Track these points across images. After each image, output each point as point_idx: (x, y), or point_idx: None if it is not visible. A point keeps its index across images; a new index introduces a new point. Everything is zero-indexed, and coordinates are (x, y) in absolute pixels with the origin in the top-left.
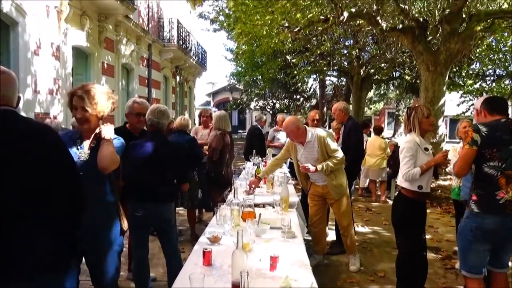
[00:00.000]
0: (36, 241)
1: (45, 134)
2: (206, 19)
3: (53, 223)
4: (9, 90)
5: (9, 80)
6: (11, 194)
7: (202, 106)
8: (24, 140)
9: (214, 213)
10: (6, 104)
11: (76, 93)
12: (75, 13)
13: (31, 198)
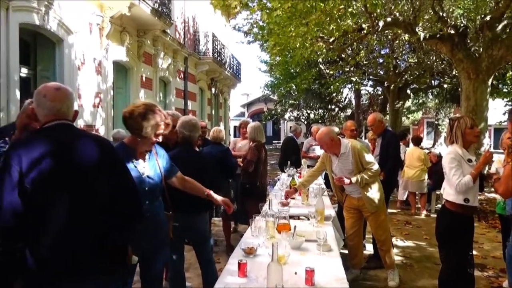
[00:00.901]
0: (106, 243)
1: (109, 145)
2: (240, 31)
3: (117, 229)
4: (64, 105)
5: (65, 95)
6: (100, 200)
7: (237, 117)
8: (91, 151)
9: (249, 224)
10: (64, 118)
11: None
12: (116, 29)
13: (106, 205)
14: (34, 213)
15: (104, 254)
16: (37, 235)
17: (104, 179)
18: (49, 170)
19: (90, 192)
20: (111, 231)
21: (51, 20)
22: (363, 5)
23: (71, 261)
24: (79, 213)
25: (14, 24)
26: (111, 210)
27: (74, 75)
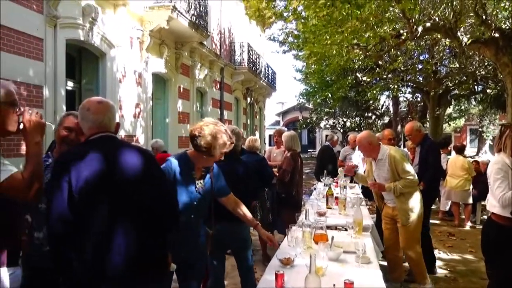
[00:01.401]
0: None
1: (151, 156)
2: (275, 41)
3: (156, 238)
4: (106, 117)
5: (106, 108)
6: (141, 209)
7: (272, 126)
8: (134, 162)
9: (286, 234)
10: (106, 129)
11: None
12: (155, 42)
13: (147, 214)
14: (81, 221)
15: (148, 262)
16: (83, 242)
17: (146, 189)
18: (95, 180)
19: (133, 201)
20: (151, 239)
21: (95, 36)
22: (401, 11)
23: (117, 269)
24: (123, 221)
25: (61, 40)
26: (151, 219)
27: (115, 87)
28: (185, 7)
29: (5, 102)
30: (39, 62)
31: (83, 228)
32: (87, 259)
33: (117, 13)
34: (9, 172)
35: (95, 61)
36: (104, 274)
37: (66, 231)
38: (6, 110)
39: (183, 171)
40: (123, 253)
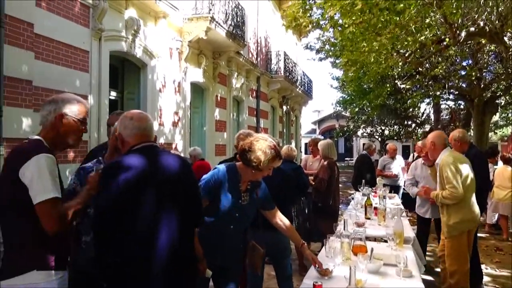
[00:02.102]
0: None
1: (188, 164)
2: (312, 50)
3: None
4: (148, 125)
5: (147, 117)
6: (180, 211)
7: (308, 134)
8: (173, 168)
9: (323, 244)
10: (148, 139)
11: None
12: (193, 52)
13: (182, 215)
14: (126, 221)
15: (184, 259)
16: (128, 241)
17: (183, 192)
18: (140, 182)
19: (173, 200)
20: (186, 236)
21: (137, 47)
22: (442, 16)
23: (161, 265)
24: (165, 219)
25: (106, 52)
26: (186, 217)
27: (156, 96)
28: (223, 17)
29: (74, 117)
30: (85, 73)
31: (128, 227)
32: (133, 256)
33: (158, 25)
34: (47, 196)
35: (136, 72)
36: (149, 271)
37: (110, 231)
38: (74, 124)
39: (230, 182)
40: (166, 249)
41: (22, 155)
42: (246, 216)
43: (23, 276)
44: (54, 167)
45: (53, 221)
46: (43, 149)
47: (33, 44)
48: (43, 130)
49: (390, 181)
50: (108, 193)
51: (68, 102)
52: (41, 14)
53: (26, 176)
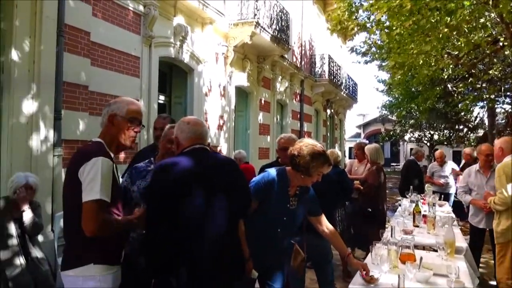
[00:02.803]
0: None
1: (236, 166)
2: (358, 53)
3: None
4: (204, 129)
5: (202, 122)
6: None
7: (352, 138)
8: (227, 169)
9: (368, 251)
10: (201, 141)
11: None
12: (238, 57)
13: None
14: (177, 216)
15: (232, 251)
16: (179, 234)
17: (231, 189)
18: (188, 181)
19: (221, 201)
20: (233, 234)
21: (185, 52)
22: (498, 15)
23: (210, 256)
24: (214, 213)
25: (155, 58)
26: (233, 217)
27: (202, 100)
28: (268, 22)
29: (123, 117)
30: (136, 78)
31: (176, 221)
32: (181, 249)
33: (204, 31)
34: (93, 197)
35: (184, 76)
36: (197, 264)
37: (160, 224)
38: (123, 124)
39: (279, 186)
40: (214, 243)
41: (84, 155)
42: (293, 220)
43: (81, 269)
44: (109, 170)
45: (92, 222)
46: (102, 152)
47: (90, 52)
48: (102, 132)
49: (440, 188)
50: (158, 189)
51: (119, 103)
52: (97, 23)
53: (83, 176)
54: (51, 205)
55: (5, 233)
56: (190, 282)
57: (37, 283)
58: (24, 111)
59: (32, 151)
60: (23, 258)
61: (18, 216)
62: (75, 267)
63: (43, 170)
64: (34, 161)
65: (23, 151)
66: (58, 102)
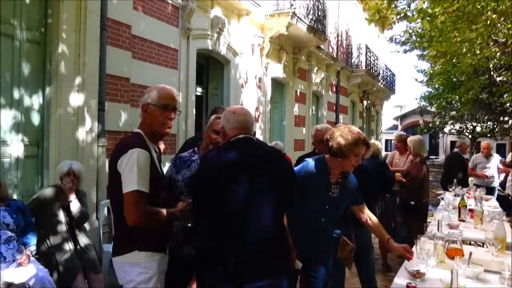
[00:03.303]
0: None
1: (282, 155)
2: (397, 43)
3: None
4: (250, 119)
5: (249, 112)
6: (279, 201)
7: (388, 130)
8: (273, 158)
9: (408, 244)
10: (247, 131)
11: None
12: (274, 48)
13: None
14: (224, 204)
15: (278, 243)
16: (224, 223)
17: (276, 179)
18: (234, 173)
19: (267, 190)
20: (278, 220)
21: (221, 44)
22: None
23: (254, 247)
24: (259, 202)
25: (193, 50)
26: (279, 206)
27: (238, 92)
28: (304, 12)
29: (155, 105)
30: (174, 70)
31: (222, 211)
32: (227, 238)
33: (241, 22)
34: (131, 188)
35: (220, 68)
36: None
37: (205, 213)
38: (155, 111)
39: (319, 174)
40: (259, 233)
41: (122, 147)
42: (336, 209)
43: (127, 255)
44: (146, 162)
45: (132, 212)
46: (140, 144)
47: (131, 45)
48: (140, 123)
49: (483, 182)
50: (204, 179)
51: (150, 91)
52: (138, 17)
53: (121, 167)
54: (96, 193)
55: (55, 220)
56: (236, 271)
57: (85, 268)
58: (71, 103)
59: (78, 141)
60: (71, 243)
61: (65, 204)
62: (122, 253)
63: (88, 160)
64: (80, 151)
65: (70, 142)
66: (102, 94)
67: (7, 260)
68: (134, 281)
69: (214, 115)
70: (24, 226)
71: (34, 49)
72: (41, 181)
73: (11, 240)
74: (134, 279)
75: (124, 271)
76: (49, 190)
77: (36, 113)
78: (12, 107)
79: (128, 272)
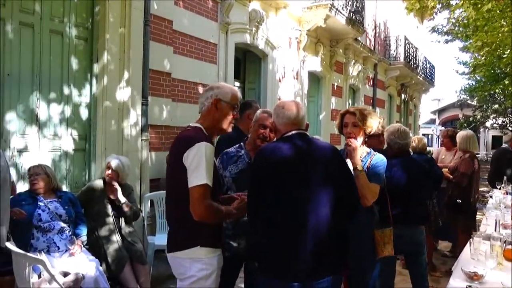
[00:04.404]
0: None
1: (336, 150)
2: (438, 33)
3: (341, 225)
4: (300, 113)
5: (299, 106)
6: (339, 197)
7: (426, 124)
8: (329, 154)
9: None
10: (299, 127)
11: (348, 110)
12: (311, 41)
13: (334, 202)
14: (275, 204)
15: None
16: (276, 219)
17: (333, 177)
18: (288, 168)
19: (323, 188)
20: (334, 222)
21: (259, 38)
22: None
23: (307, 246)
24: (315, 202)
25: (231, 44)
26: (336, 208)
27: (275, 86)
28: (342, 4)
29: (228, 103)
30: (213, 65)
31: (277, 208)
32: (283, 236)
33: (278, 16)
34: (199, 182)
35: (257, 62)
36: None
37: (262, 211)
38: (227, 109)
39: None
40: (315, 230)
41: (187, 141)
42: None
43: (188, 251)
44: (212, 156)
45: (199, 206)
46: (204, 137)
47: (172, 40)
48: (201, 117)
49: None
50: (258, 175)
51: (223, 88)
52: (179, 12)
53: (187, 161)
54: (139, 186)
55: (103, 212)
56: (291, 270)
57: (132, 259)
58: (116, 98)
59: (123, 135)
60: (119, 235)
61: (112, 196)
62: (182, 249)
63: (132, 153)
64: (125, 145)
65: (115, 136)
66: (145, 89)
67: (60, 249)
68: (195, 277)
69: (261, 109)
70: (75, 217)
71: (81, 45)
72: (88, 173)
73: (63, 231)
74: (195, 275)
75: (184, 267)
76: (97, 183)
77: (84, 108)
78: (62, 102)
79: (187, 267)
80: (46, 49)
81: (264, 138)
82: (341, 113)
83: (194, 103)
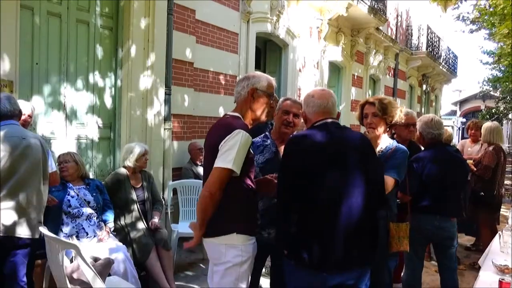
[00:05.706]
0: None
1: (368, 140)
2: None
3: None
4: (330, 102)
5: (329, 94)
6: (370, 187)
7: (446, 116)
8: (362, 143)
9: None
10: (330, 115)
11: (368, 100)
12: (332, 31)
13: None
14: (310, 191)
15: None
16: (311, 211)
17: (365, 167)
18: (320, 158)
19: (356, 178)
20: (367, 212)
21: (280, 28)
22: None
23: (342, 237)
24: (348, 192)
25: (253, 34)
26: (369, 195)
27: (295, 76)
28: None
29: (263, 91)
30: (234, 54)
31: (309, 197)
32: (314, 225)
33: (300, 5)
34: (224, 165)
35: (278, 52)
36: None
37: (293, 199)
38: (263, 98)
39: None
40: (347, 220)
41: (227, 127)
42: None
43: (224, 237)
44: (247, 145)
45: (213, 187)
46: (243, 126)
47: (195, 29)
48: (238, 107)
49: None
50: (289, 165)
51: (259, 77)
52: (201, 1)
53: (223, 146)
54: (162, 174)
55: (128, 199)
56: (322, 259)
57: (157, 245)
58: (140, 87)
59: (147, 124)
60: (144, 222)
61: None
62: (219, 235)
63: (156, 142)
64: (149, 133)
65: (139, 124)
66: (168, 78)
67: (89, 235)
68: (230, 263)
69: (283, 97)
70: (103, 204)
71: (107, 34)
72: (113, 162)
73: (91, 217)
74: (230, 261)
75: (219, 252)
76: (122, 171)
77: (109, 96)
78: (88, 90)
79: (223, 253)
80: (73, 38)
81: (288, 124)
82: (361, 103)
83: (215, 93)
